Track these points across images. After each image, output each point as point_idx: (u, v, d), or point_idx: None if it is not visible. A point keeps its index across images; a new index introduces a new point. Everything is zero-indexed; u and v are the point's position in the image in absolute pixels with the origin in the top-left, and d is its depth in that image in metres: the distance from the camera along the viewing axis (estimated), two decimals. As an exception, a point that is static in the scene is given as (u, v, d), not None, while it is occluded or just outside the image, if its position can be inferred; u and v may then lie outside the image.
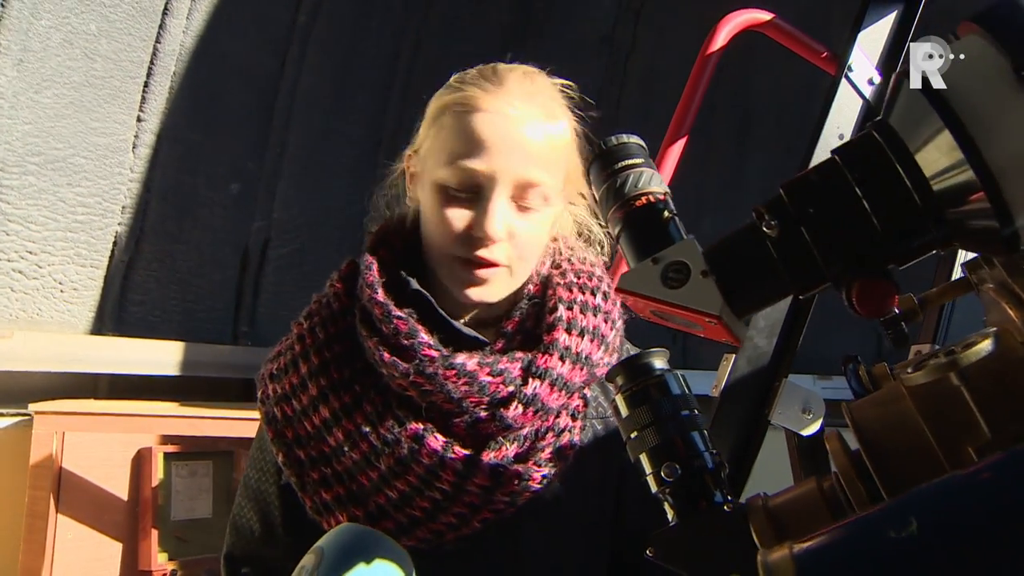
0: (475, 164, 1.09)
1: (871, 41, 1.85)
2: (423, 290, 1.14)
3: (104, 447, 2.75)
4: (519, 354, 1.13)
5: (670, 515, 0.81)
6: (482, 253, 1.11)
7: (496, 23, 4.06)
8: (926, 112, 0.62)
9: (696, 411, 0.85)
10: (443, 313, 1.14)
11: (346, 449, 1.10)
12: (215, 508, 3.02)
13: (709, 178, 4.24)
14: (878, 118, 0.66)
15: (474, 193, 1.11)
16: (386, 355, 1.09)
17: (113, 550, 2.72)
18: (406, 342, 1.09)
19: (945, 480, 0.55)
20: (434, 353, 1.09)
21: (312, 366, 1.14)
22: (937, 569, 0.52)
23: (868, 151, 0.64)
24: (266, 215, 3.58)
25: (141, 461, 2.85)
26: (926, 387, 0.68)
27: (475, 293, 1.14)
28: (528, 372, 1.11)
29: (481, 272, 1.12)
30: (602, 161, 0.77)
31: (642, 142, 0.79)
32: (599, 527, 1.22)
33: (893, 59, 1.87)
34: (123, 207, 3.10)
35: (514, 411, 1.09)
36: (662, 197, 0.75)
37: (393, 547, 0.98)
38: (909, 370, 0.69)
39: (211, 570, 2.92)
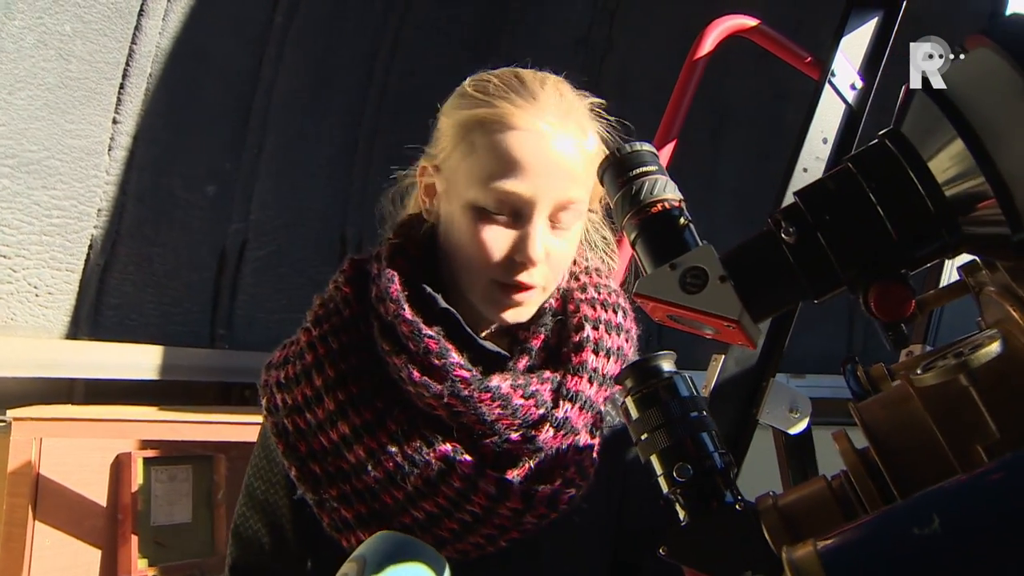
0: (515, 187, 1.06)
1: (853, 47, 1.89)
2: (452, 308, 1.12)
3: (82, 453, 2.71)
4: (547, 374, 1.12)
5: (681, 515, 0.83)
6: (522, 278, 1.09)
7: (472, 24, 4.07)
8: (938, 121, 0.64)
9: (705, 412, 0.86)
10: (471, 332, 1.12)
11: (369, 468, 1.06)
12: (195, 513, 3.00)
13: (684, 180, 4.21)
14: (890, 127, 0.68)
15: (513, 215, 1.08)
16: (416, 374, 1.06)
17: (92, 556, 2.69)
18: (437, 362, 1.06)
19: (968, 479, 0.57)
20: (466, 374, 1.07)
21: (328, 379, 1.10)
22: (960, 565, 0.54)
23: (882, 159, 0.66)
24: (243, 217, 3.56)
25: (120, 466, 2.81)
26: (935, 388, 0.70)
27: (511, 315, 1.12)
28: (559, 394, 1.11)
29: (519, 296, 1.11)
30: (616, 168, 0.79)
31: (654, 150, 0.80)
32: (607, 530, 1.23)
33: (875, 64, 1.91)
34: (99, 210, 3.07)
35: (545, 434, 1.09)
36: (677, 204, 0.76)
37: (434, 555, 0.97)
38: (918, 371, 0.71)
39: (192, 575, 2.89)
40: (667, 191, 0.76)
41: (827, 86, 1.85)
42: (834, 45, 1.88)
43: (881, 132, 0.68)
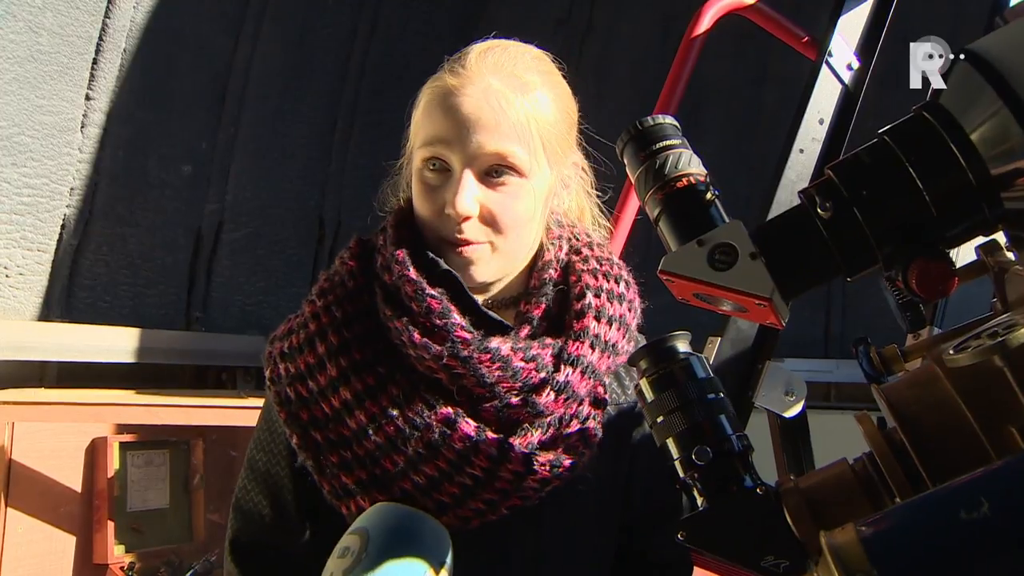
0: (441, 143, 1.10)
1: (850, 27, 1.88)
2: (453, 270, 1.12)
3: (57, 437, 2.66)
4: (548, 340, 1.12)
5: (699, 500, 0.81)
6: (459, 233, 1.11)
7: (452, 4, 4.02)
8: (981, 92, 0.62)
9: (722, 394, 0.85)
10: (472, 296, 1.12)
11: (370, 432, 1.07)
12: (172, 498, 2.96)
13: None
14: (927, 99, 0.65)
15: (446, 172, 1.11)
16: (416, 336, 1.07)
17: (67, 543, 2.64)
18: (439, 322, 1.07)
19: (1017, 461, 0.56)
20: (467, 335, 1.08)
21: (331, 346, 1.11)
22: (1013, 550, 0.53)
23: (922, 132, 0.64)
24: (219, 197, 3.49)
25: (95, 451, 2.77)
26: (965, 368, 0.68)
27: (464, 275, 1.12)
28: (559, 359, 1.11)
29: (464, 251, 1.12)
30: (637, 142, 0.76)
31: (676, 123, 0.78)
32: (611, 512, 1.23)
33: (871, 44, 1.90)
34: (71, 188, 2.99)
35: (546, 397, 1.09)
36: (703, 179, 0.74)
37: (435, 526, 0.97)
38: (951, 351, 0.69)
39: (169, 561, 2.85)
40: (692, 165, 0.74)
41: (824, 66, 1.83)
42: (831, 25, 1.87)
43: (918, 104, 0.66)
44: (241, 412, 2.96)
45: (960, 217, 0.64)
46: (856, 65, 1.89)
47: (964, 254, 0.94)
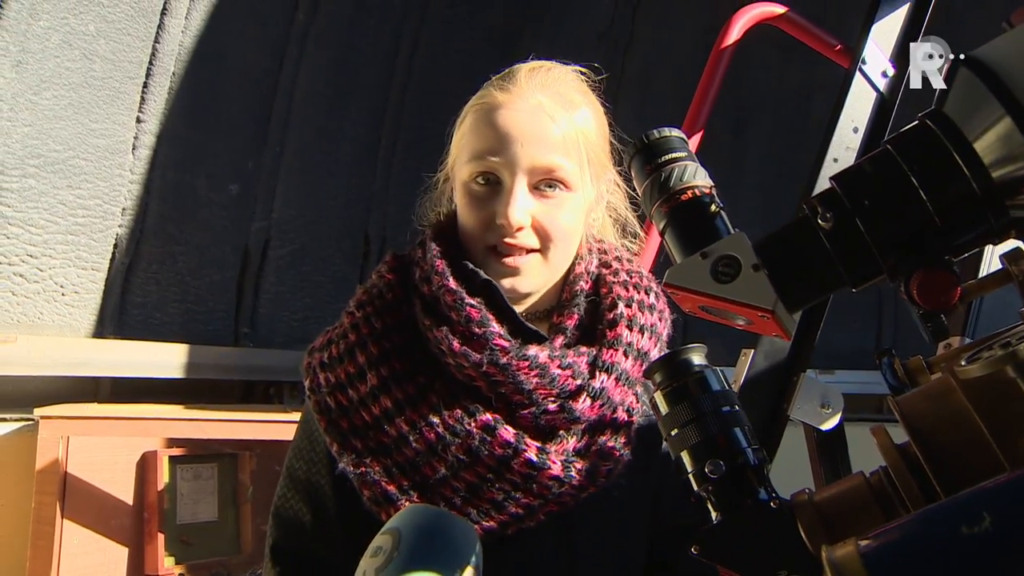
0: (492, 156, 1.14)
1: (884, 34, 1.85)
2: (492, 280, 1.15)
3: (109, 451, 2.72)
4: (584, 349, 1.15)
5: (713, 513, 0.80)
6: (508, 240, 1.14)
7: (494, 20, 4.05)
8: (985, 100, 0.61)
9: (737, 407, 0.84)
10: (509, 305, 1.15)
11: (411, 440, 1.10)
12: (220, 511, 3.01)
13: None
14: (931, 107, 0.65)
15: (496, 185, 1.15)
16: (456, 344, 1.10)
17: (119, 554, 2.70)
18: (478, 331, 1.10)
19: (1020, 475, 0.54)
20: (506, 343, 1.10)
21: (371, 356, 1.14)
22: (1014, 565, 0.51)
23: (924, 141, 0.63)
24: (266, 215, 3.56)
25: (146, 464, 2.82)
26: (980, 380, 0.67)
27: (509, 283, 1.16)
28: (594, 366, 1.14)
29: (511, 260, 1.15)
30: (644, 155, 0.76)
31: (683, 135, 0.78)
32: (641, 521, 1.25)
33: (907, 51, 1.86)
34: (123, 209, 3.08)
35: (582, 404, 1.12)
36: (707, 191, 0.74)
37: (465, 526, 0.98)
38: (963, 363, 0.68)
39: (217, 573, 2.90)
40: (697, 177, 0.74)
41: (857, 74, 1.81)
42: (864, 32, 1.84)
43: (922, 113, 0.65)
44: (288, 426, 3.01)
45: (965, 226, 0.63)
46: (891, 72, 1.86)
47: (993, 262, 0.92)
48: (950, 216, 0.62)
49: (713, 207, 0.72)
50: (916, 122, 0.65)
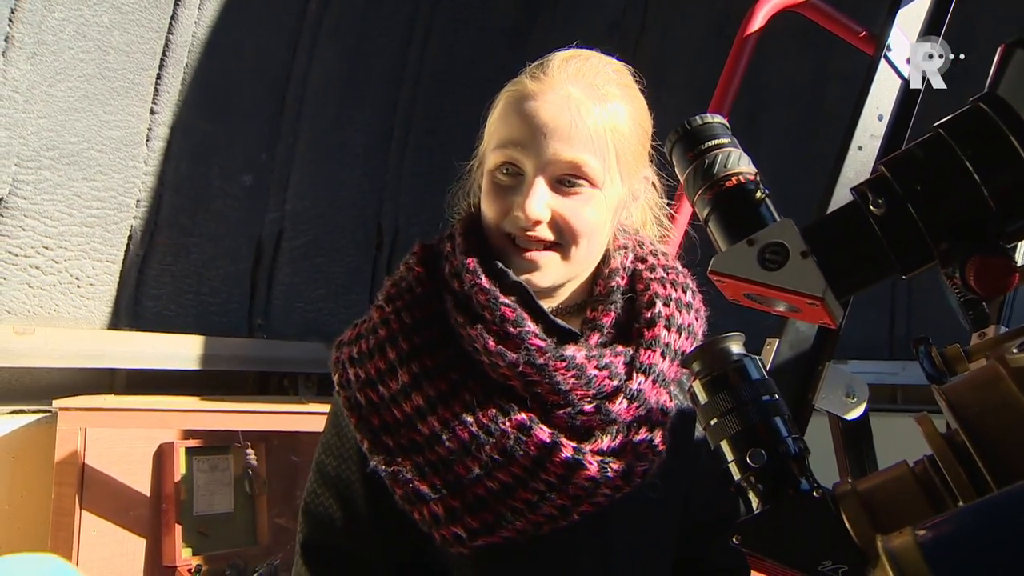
0: (515, 147, 1.11)
1: (910, 19, 1.83)
2: (521, 281, 1.13)
3: (126, 442, 2.74)
4: (620, 348, 1.13)
5: (754, 503, 0.80)
6: (525, 232, 1.12)
7: (506, 9, 4.03)
8: (1041, 83, 0.59)
9: (776, 396, 0.83)
10: (541, 304, 1.13)
11: (443, 438, 1.07)
12: (236, 503, 3.02)
13: (721, 163, 4.20)
14: (984, 90, 0.64)
15: (519, 176, 1.13)
16: (491, 344, 1.08)
17: (138, 545, 2.72)
18: (513, 330, 1.08)
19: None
20: (542, 343, 1.08)
21: (402, 352, 1.11)
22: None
23: (979, 125, 0.62)
24: (279, 206, 3.56)
25: (163, 456, 2.84)
26: (1030, 367, 0.66)
27: (525, 277, 1.13)
28: (631, 367, 1.12)
29: (530, 255, 1.13)
30: (686, 142, 0.75)
31: (725, 122, 0.77)
32: (674, 518, 1.23)
33: (933, 36, 1.84)
34: (137, 200, 3.08)
35: (619, 405, 1.10)
36: (752, 177, 0.73)
37: None
38: (1014, 350, 0.67)
39: (234, 564, 2.91)
40: (741, 164, 0.73)
41: (883, 61, 1.78)
42: (889, 18, 1.82)
43: (974, 96, 0.64)
44: (302, 417, 3.01)
45: (1021, 211, 0.62)
46: (916, 59, 1.84)
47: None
48: (1006, 201, 0.61)
49: (758, 194, 0.71)
50: (968, 106, 0.64)
